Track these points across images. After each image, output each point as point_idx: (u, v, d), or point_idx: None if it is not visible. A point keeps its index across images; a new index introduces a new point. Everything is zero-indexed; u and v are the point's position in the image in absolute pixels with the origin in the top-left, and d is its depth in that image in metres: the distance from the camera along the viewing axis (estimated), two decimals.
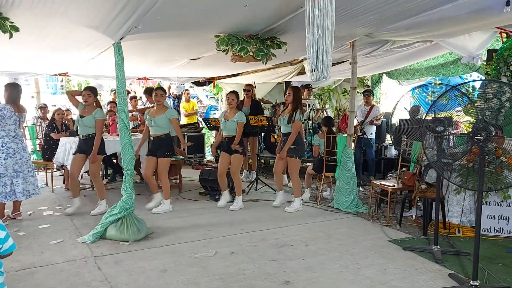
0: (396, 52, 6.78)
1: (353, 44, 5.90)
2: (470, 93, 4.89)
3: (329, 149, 6.31)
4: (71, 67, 8.13)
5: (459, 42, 6.00)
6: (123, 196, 4.71)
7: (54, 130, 7.29)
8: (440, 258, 4.08)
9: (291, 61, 8.16)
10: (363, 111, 8.07)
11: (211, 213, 5.83)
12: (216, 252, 4.27)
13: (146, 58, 6.85)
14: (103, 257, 4.12)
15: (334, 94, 11.01)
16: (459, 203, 5.11)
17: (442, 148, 3.95)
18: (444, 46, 6.20)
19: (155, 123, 5.70)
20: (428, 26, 5.08)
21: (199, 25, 4.66)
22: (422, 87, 6.69)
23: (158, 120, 5.70)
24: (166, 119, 5.73)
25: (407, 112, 5.88)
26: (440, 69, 7.93)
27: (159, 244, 4.52)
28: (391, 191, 5.42)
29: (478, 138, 3.23)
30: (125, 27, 4.27)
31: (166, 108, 5.85)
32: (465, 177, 4.70)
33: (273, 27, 4.83)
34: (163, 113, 5.72)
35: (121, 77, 4.64)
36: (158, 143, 5.73)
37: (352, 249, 4.41)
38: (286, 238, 4.76)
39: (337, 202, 6.05)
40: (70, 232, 4.90)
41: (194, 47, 5.87)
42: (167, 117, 5.74)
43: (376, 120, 7.90)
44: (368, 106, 8.07)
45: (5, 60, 7.02)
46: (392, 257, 4.19)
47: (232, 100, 6.02)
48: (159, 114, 5.72)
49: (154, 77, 10.35)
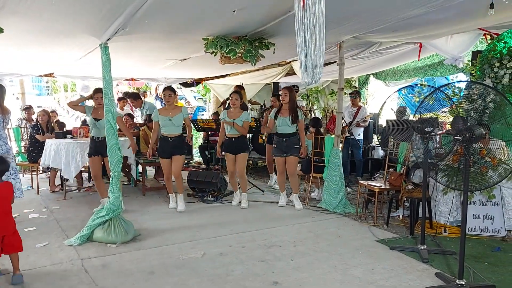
0: (383, 54, 6.84)
1: (341, 46, 5.95)
2: (457, 94, 4.95)
3: (317, 150, 6.36)
4: (57, 67, 8.05)
5: (441, 45, 6.09)
6: (110, 198, 4.68)
7: (39, 132, 7.22)
8: (427, 258, 4.12)
9: (279, 63, 8.18)
10: (350, 112, 8.12)
11: (199, 214, 5.82)
12: (204, 254, 4.27)
13: (133, 58, 6.82)
14: (90, 260, 4.09)
15: (321, 95, 11.06)
16: (446, 203, 5.18)
17: (428, 149, 4.01)
18: (429, 47, 6.28)
19: (173, 123, 5.75)
20: (414, 28, 5.14)
21: (187, 28, 4.66)
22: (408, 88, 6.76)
23: (176, 120, 5.76)
24: (182, 118, 5.84)
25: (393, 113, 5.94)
26: (427, 70, 8.00)
27: (147, 246, 4.50)
28: (378, 191, 5.47)
29: (457, 138, 3.29)
30: (111, 28, 4.25)
31: (180, 107, 6.05)
32: (451, 177, 4.76)
33: (261, 29, 4.85)
34: (180, 112, 5.83)
35: (107, 78, 4.61)
36: (177, 142, 5.80)
37: (340, 249, 4.44)
38: (275, 238, 4.77)
39: (325, 202, 6.09)
40: (56, 234, 4.85)
41: (182, 48, 5.86)
42: (184, 116, 5.86)
43: (363, 122, 7.93)
44: (355, 107, 8.12)
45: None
46: (380, 257, 4.23)
47: (236, 100, 6.06)
48: (176, 113, 5.79)
49: (141, 78, 10.30)
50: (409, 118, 4.55)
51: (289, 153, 6.02)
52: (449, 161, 4.44)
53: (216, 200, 6.55)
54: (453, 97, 4.00)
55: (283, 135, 6.04)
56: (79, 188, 7.21)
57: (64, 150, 6.26)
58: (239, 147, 6.07)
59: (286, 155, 6.04)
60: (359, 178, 7.92)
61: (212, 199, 6.59)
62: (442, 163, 4.40)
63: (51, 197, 6.71)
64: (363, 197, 6.05)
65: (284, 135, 6.04)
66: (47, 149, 6.54)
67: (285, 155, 6.05)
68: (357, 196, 6.20)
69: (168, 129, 5.78)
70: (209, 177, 6.78)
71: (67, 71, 8.47)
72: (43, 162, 6.62)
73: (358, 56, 6.80)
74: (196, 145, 11.31)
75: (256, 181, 7.86)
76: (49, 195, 6.90)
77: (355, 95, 8.22)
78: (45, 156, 6.56)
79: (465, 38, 5.99)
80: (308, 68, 3.13)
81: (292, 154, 6.02)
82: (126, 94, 9.81)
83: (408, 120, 4.41)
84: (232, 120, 6.00)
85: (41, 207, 6.08)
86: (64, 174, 6.38)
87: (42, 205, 6.20)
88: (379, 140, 5.73)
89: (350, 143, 7.78)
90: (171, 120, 5.74)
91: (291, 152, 6.01)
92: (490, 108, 4.77)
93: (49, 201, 6.44)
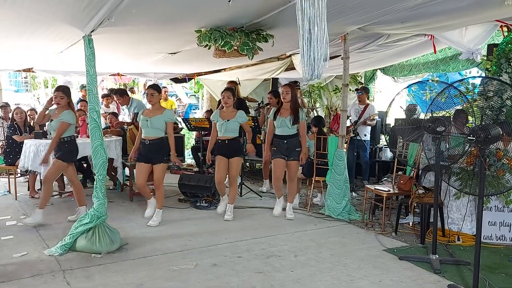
0: (391, 47, 6.85)
1: (345, 38, 5.95)
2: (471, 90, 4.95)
3: (320, 151, 6.34)
4: (36, 62, 8.03)
5: (454, 37, 6.08)
6: (95, 204, 4.67)
7: (16, 132, 7.19)
8: (439, 268, 4.13)
9: (279, 56, 8.18)
10: (357, 110, 8.12)
11: (191, 221, 5.82)
12: (196, 264, 4.26)
13: (120, 52, 6.81)
14: (73, 271, 4.07)
15: (325, 92, 11.07)
16: (459, 209, 5.18)
17: (440, 150, 4.01)
18: (441, 40, 6.29)
19: (152, 125, 5.54)
20: (424, 19, 5.15)
21: (179, 19, 4.65)
22: (418, 84, 6.77)
23: (155, 121, 5.54)
24: (163, 121, 5.59)
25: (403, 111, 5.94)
26: (439, 64, 8.00)
27: (134, 256, 4.49)
28: (386, 196, 5.47)
29: (470, 138, 3.29)
30: (96, 19, 4.24)
31: (163, 108, 5.80)
32: (465, 181, 4.77)
33: (259, 20, 4.85)
34: (160, 114, 5.57)
35: (92, 73, 4.60)
36: (155, 147, 5.57)
37: (344, 260, 4.44)
38: (273, 248, 4.77)
39: (328, 208, 6.09)
40: (35, 243, 4.83)
41: (172, 41, 5.85)
42: (164, 119, 5.60)
43: (370, 121, 7.94)
44: (362, 105, 8.13)
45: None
46: (388, 268, 4.23)
47: (228, 99, 5.91)
48: (156, 114, 5.57)
49: (128, 73, 10.29)
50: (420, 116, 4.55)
51: (291, 156, 5.92)
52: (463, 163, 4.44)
53: (210, 206, 6.54)
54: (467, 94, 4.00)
55: (283, 137, 5.94)
56: (60, 193, 7.19)
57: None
58: (233, 151, 5.89)
59: (287, 159, 5.96)
60: (366, 182, 7.93)
61: (206, 205, 6.58)
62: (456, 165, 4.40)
63: (30, 203, 6.68)
64: (370, 202, 6.06)
65: (284, 136, 5.94)
66: (25, 151, 6.50)
67: (286, 158, 5.95)
68: (363, 201, 6.20)
69: (145, 131, 5.61)
70: (202, 181, 6.77)
71: (48, 65, 8.44)
72: (21, 165, 6.58)
73: (364, 49, 6.80)
74: (188, 146, 11.30)
75: (253, 186, 7.86)
76: (28, 200, 6.88)
77: (362, 91, 8.22)
78: (23, 159, 6.53)
79: (480, 30, 6.00)
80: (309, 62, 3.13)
81: (295, 158, 5.94)
82: (111, 91, 9.80)
83: (419, 119, 4.41)
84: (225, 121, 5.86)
85: (19, 214, 6.06)
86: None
87: (20, 212, 6.18)
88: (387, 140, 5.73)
89: (356, 144, 7.78)
90: (147, 121, 5.54)
91: (293, 156, 5.92)
92: (507, 106, 4.78)
93: (28, 207, 6.41)
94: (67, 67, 8.55)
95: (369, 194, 6.10)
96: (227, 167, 5.94)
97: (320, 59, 3.14)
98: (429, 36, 6.35)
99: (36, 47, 6.13)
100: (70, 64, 8.01)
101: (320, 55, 3.13)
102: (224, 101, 5.95)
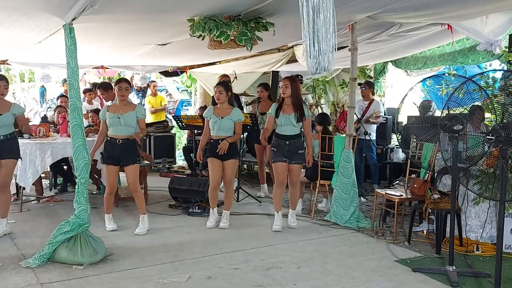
0: (404, 37, 6.86)
1: (353, 27, 5.96)
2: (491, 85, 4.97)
3: (325, 152, 6.34)
4: (11, 53, 8.04)
5: (474, 26, 6.08)
6: (76, 210, 4.66)
7: None
8: (456, 281, 4.14)
9: (279, 48, 8.20)
10: (361, 106, 8.13)
11: (183, 229, 5.83)
12: (189, 277, 4.26)
13: (104, 42, 6.82)
14: (52, 284, 4.07)
15: (330, 87, 11.09)
16: (478, 215, 5.20)
17: (458, 151, 4.02)
18: (459, 30, 6.30)
19: (125, 122, 5.53)
20: (439, 7, 5.16)
21: (169, 7, 4.66)
22: (434, 78, 6.78)
23: (127, 118, 5.54)
24: (136, 118, 5.61)
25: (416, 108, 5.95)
26: (456, 56, 8.00)
27: (120, 268, 4.49)
28: (398, 202, 5.48)
29: (489, 138, 3.31)
30: (77, 6, 4.25)
31: (134, 104, 5.79)
32: (485, 184, 4.78)
33: (258, 7, 4.85)
34: (132, 110, 5.59)
35: (73, 65, 4.60)
36: (127, 147, 5.57)
37: (352, 272, 4.45)
38: (274, 259, 4.78)
39: (335, 215, 6.10)
40: (10, 254, 4.83)
41: (162, 30, 5.86)
42: (137, 116, 5.63)
43: (373, 119, 7.93)
44: (367, 100, 8.14)
45: None
46: (400, 280, 4.24)
47: (220, 94, 5.87)
48: (127, 111, 5.57)
49: (113, 65, 10.29)
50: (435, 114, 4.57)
51: (293, 160, 5.84)
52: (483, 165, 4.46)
53: (204, 212, 6.54)
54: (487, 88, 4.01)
55: (286, 137, 5.84)
56: (38, 198, 7.19)
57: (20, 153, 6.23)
58: (228, 152, 5.82)
59: (289, 162, 5.88)
60: (375, 186, 7.94)
61: (199, 211, 6.59)
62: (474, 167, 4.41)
63: None
64: (380, 208, 6.07)
65: (287, 137, 5.83)
66: None
67: (287, 161, 5.87)
68: (373, 207, 6.22)
69: (115, 129, 5.56)
70: (195, 184, 6.78)
71: (24, 57, 8.45)
72: None
73: (374, 40, 6.82)
74: (180, 147, 11.32)
75: (251, 190, 7.87)
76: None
77: (365, 86, 8.24)
78: None
79: (504, 18, 6.00)
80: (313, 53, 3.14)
81: (297, 162, 5.86)
82: (94, 85, 9.80)
83: (434, 117, 4.43)
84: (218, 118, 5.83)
85: None
86: (20, 181, 6.36)
87: None
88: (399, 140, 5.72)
89: (363, 144, 7.78)
90: (119, 118, 5.51)
91: (296, 159, 5.83)
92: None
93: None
94: (46, 59, 8.55)
95: (379, 199, 6.11)
96: (221, 169, 5.91)
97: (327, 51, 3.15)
98: (446, 25, 6.37)
99: (11, 37, 6.13)
100: (49, 56, 8.01)
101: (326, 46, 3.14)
102: (216, 97, 5.95)
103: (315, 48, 3.16)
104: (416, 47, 8.08)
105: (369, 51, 7.74)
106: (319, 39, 3.14)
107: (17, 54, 7.97)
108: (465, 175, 4.71)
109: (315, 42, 3.15)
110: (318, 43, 3.16)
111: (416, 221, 5.81)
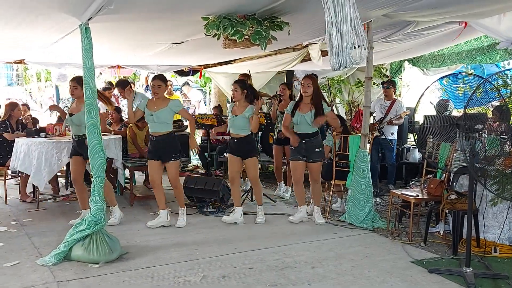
0: (420, 36, 6.81)
1: (369, 26, 5.93)
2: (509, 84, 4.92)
3: (340, 152, 6.32)
4: (28, 53, 8.12)
5: (491, 24, 6.02)
6: (92, 209, 4.71)
7: (8, 129, 7.27)
8: (473, 282, 4.10)
9: (294, 47, 8.18)
10: (382, 106, 8.08)
11: (198, 228, 5.85)
12: (204, 276, 4.28)
13: (120, 42, 6.86)
14: (68, 283, 4.11)
15: (345, 86, 11.04)
16: (495, 216, 5.14)
17: (475, 151, 3.99)
18: (476, 28, 6.23)
19: (158, 119, 5.64)
20: (458, 4, 5.11)
21: (184, 6, 4.67)
22: (451, 77, 6.72)
23: (161, 115, 5.63)
24: (170, 113, 5.72)
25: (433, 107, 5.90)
26: (474, 55, 7.92)
27: (135, 266, 4.53)
28: (414, 202, 5.45)
29: (503, 137, 3.28)
30: (94, 6, 4.28)
31: (168, 100, 5.86)
32: (503, 185, 4.74)
33: (273, 5, 4.85)
34: (165, 106, 5.67)
35: (89, 65, 4.64)
36: (163, 144, 5.71)
37: (367, 272, 4.43)
38: (289, 258, 4.78)
39: (350, 215, 6.08)
40: (28, 252, 4.89)
41: (177, 29, 5.88)
42: (172, 110, 5.73)
43: (397, 120, 7.88)
44: (388, 100, 8.09)
45: None
46: (416, 281, 4.22)
47: (235, 92, 5.94)
48: (160, 108, 5.66)
49: (128, 65, 10.35)
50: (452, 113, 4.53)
51: (311, 158, 5.91)
52: (501, 165, 4.41)
53: (218, 211, 6.57)
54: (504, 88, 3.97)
55: (301, 136, 5.91)
56: (54, 197, 7.27)
57: (36, 152, 6.29)
58: (246, 150, 5.95)
59: (307, 160, 5.96)
60: (391, 186, 7.90)
61: (213, 211, 6.61)
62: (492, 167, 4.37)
63: (21, 208, 6.77)
64: (396, 209, 6.04)
65: (302, 135, 5.91)
66: (16, 150, 6.58)
67: (305, 159, 5.96)
68: (388, 208, 6.18)
69: (151, 126, 5.75)
70: (210, 184, 6.80)
71: (41, 57, 8.51)
72: (12, 166, 6.66)
73: (390, 39, 6.78)
74: None
75: (265, 189, 7.87)
76: (20, 205, 6.97)
77: (388, 85, 8.17)
78: (14, 159, 6.60)
79: None
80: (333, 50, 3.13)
81: (315, 160, 5.93)
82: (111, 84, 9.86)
83: (452, 116, 4.39)
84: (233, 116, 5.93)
85: (10, 220, 6.13)
86: (33, 180, 6.42)
87: (11, 217, 6.26)
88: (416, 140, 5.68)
89: (380, 144, 7.74)
90: (152, 115, 5.64)
91: (314, 158, 5.91)
92: None
93: (19, 213, 6.50)
94: (62, 58, 8.62)
95: (395, 200, 6.08)
96: (239, 165, 6.09)
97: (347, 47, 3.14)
98: (463, 24, 6.31)
99: (28, 37, 6.20)
100: (65, 56, 8.08)
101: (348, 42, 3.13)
102: (232, 95, 6.03)
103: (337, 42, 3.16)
104: (433, 46, 8.01)
105: (385, 49, 7.69)
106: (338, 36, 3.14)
107: (34, 53, 8.03)
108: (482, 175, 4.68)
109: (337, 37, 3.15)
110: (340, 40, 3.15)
111: (432, 221, 5.76)
